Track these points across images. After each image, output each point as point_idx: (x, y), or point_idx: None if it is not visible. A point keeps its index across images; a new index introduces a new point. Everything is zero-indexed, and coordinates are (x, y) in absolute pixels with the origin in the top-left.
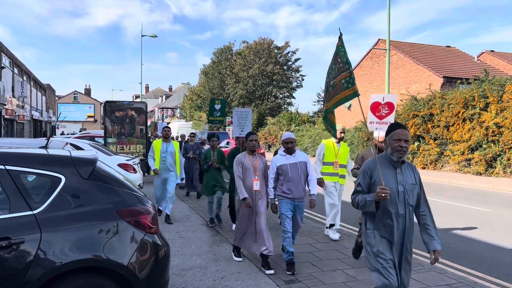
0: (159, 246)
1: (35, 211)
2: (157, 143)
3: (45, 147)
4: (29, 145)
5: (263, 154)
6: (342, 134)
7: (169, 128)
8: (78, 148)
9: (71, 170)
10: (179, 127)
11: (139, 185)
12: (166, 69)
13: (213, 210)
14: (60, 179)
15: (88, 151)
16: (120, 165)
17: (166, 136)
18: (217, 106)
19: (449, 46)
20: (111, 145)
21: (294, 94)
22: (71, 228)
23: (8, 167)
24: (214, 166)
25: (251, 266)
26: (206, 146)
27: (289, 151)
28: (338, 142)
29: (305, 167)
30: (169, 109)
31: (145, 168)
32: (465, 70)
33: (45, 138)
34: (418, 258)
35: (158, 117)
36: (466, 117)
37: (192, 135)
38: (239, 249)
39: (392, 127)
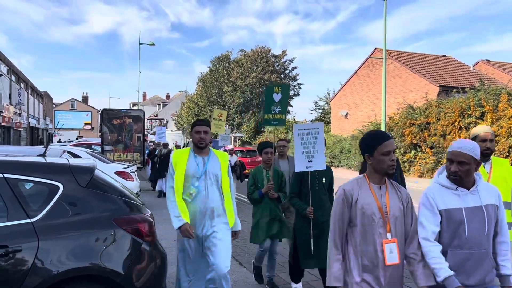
0: (156, 255)
1: (33, 219)
2: (180, 158)
3: (43, 155)
4: (27, 153)
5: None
6: (489, 144)
7: (207, 125)
8: (75, 156)
9: (69, 178)
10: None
11: (136, 193)
12: (163, 77)
13: (273, 267)
14: (58, 187)
15: (86, 159)
16: (117, 173)
17: (201, 144)
18: (276, 97)
19: (445, 55)
20: (108, 153)
21: (291, 103)
22: (68, 236)
23: (6, 175)
24: (271, 196)
25: (248, 275)
26: (233, 158)
27: (459, 181)
28: (485, 161)
29: (495, 215)
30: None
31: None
32: (461, 79)
33: (43, 146)
34: None
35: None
36: (462, 126)
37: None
38: None
39: None
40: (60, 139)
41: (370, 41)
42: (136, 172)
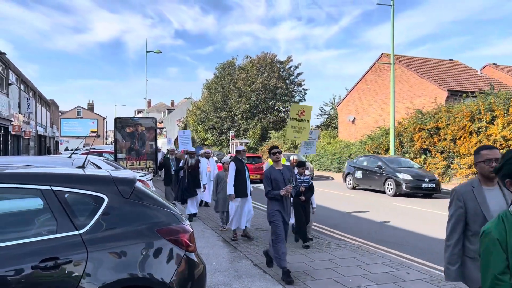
0: (197, 264)
1: (81, 231)
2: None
3: (82, 166)
4: (54, 163)
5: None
6: None
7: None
8: (95, 165)
9: (113, 190)
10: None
11: (173, 203)
12: (167, 83)
13: None
14: (103, 199)
15: (123, 170)
16: None
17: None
18: None
19: (452, 60)
20: (121, 161)
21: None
22: (115, 247)
23: (53, 188)
24: None
25: (274, 282)
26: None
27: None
28: None
29: None
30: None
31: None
32: (469, 83)
33: (68, 155)
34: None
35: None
36: (473, 130)
37: (276, 151)
38: None
39: None
40: (67, 147)
41: (374, 46)
42: (152, 180)
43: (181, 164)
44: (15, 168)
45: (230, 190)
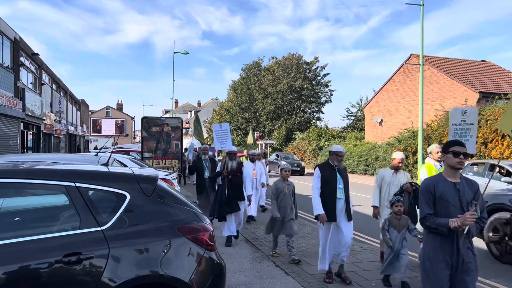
0: (217, 263)
1: (103, 227)
2: None
3: (106, 164)
4: (80, 161)
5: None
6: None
7: None
8: (121, 163)
9: (135, 187)
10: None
11: (193, 202)
12: (194, 84)
13: None
14: (125, 196)
15: (147, 168)
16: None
17: None
18: None
19: (484, 61)
20: (148, 160)
21: (322, 109)
22: (136, 244)
23: (77, 184)
24: None
25: (296, 284)
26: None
27: None
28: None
29: None
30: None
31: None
32: (502, 85)
33: (95, 154)
34: None
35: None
36: (506, 133)
37: (460, 150)
38: None
39: None
40: (96, 145)
41: (403, 47)
42: (176, 180)
43: (218, 168)
44: (45, 165)
45: (317, 209)
